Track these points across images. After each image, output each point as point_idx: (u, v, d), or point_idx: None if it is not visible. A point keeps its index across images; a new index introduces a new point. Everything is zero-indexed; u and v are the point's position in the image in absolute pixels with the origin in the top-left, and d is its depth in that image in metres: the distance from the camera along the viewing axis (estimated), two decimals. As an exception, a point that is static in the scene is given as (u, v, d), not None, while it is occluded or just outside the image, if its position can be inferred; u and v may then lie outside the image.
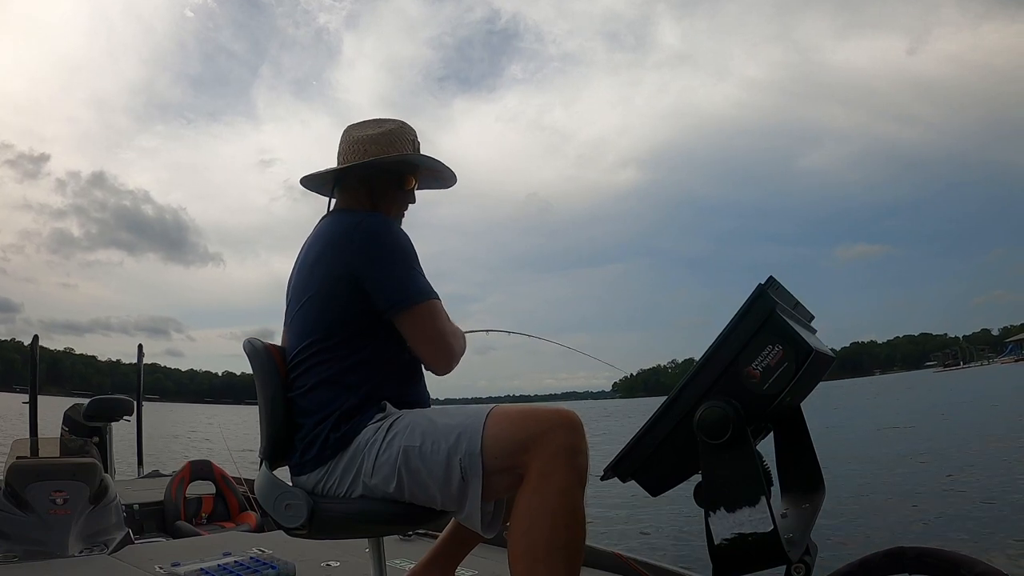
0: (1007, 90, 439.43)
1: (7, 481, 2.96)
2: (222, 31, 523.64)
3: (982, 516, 6.19)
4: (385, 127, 1.66)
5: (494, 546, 1.95)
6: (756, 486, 1.17)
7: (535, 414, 1.38)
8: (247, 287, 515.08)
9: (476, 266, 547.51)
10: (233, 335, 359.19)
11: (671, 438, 1.25)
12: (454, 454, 1.37)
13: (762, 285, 1.22)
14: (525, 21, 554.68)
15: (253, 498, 4.08)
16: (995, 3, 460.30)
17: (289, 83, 69.57)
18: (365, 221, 1.54)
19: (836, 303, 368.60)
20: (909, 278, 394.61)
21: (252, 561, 2.39)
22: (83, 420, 5.08)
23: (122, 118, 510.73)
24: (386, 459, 1.41)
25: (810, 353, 1.17)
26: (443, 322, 1.54)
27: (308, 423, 1.49)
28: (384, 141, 1.63)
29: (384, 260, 1.49)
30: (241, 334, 1.96)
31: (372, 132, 1.65)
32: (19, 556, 2.65)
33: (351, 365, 1.50)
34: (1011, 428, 13.48)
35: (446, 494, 1.40)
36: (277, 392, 1.54)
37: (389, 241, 1.51)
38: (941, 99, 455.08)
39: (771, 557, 1.16)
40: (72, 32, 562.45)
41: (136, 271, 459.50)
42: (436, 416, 1.46)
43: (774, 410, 1.22)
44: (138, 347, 6.75)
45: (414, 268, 1.53)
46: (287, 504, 1.45)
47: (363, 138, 1.64)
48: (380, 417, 1.47)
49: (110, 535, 2.94)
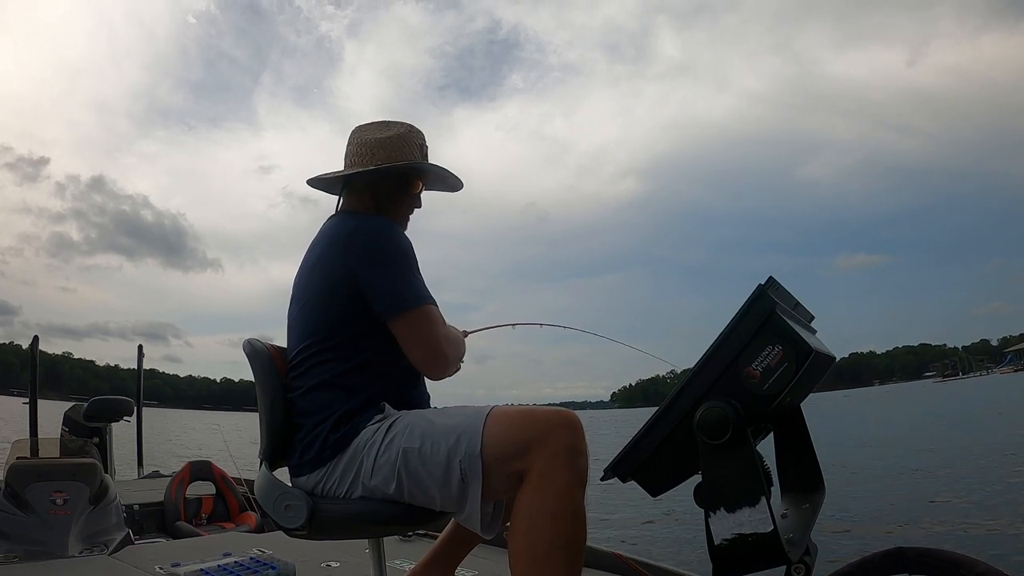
0: (1006, 101, 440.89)
1: (7, 481, 2.96)
2: (224, 38, 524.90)
3: (982, 516, 6.19)
4: (393, 131, 1.66)
5: (494, 546, 1.96)
6: (756, 486, 1.17)
7: (535, 414, 1.38)
8: (245, 293, 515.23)
9: (475, 274, 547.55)
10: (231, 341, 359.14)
11: (671, 438, 1.26)
12: (454, 455, 1.37)
13: (762, 285, 1.22)
14: (526, 31, 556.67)
15: (253, 499, 4.07)
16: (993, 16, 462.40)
17: (290, 90, 68.97)
18: (367, 224, 1.54)
19: (835, 313, 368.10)
20: (909, 288, 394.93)
21: (252, 561, 2.39)
22: (83, 421, 5.08)
23: (123, 122, 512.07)
24: (385, 460, 1.41)
25: (810, 353, 1.17)
26: (438, 327, 1.53)
27: (307, 424, 1.49)
28: (392, 145, 1.63)
29: (382, 264, 1.49)
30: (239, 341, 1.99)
31: (380, 135, 1.65)
32: (19, 556, 2.65)
33: (351, 367, 1.50)
34: (1010, 435, 13.48)
35: (446, 495, 1.39)
36: (277, 393, 1.55)
37: (389, 245, 1.51)
38: (940, 110, 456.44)
39: (771, 557, 1.16)
40: (74, 35, 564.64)
41: (135, 276, 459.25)
42: (435, 417, 1.46)
43: (774, 410, 1.23)
44: (138, 348, 6.76)
45: (413, 273, 1.53)
46: (287, 505, 1.45)
47: (371, 141, 1.64)
48: (379, 418, 1.47)
49: (110, 535, 2.94)
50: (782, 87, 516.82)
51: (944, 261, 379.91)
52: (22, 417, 5.50)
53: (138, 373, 6.67)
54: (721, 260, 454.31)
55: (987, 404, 27.01)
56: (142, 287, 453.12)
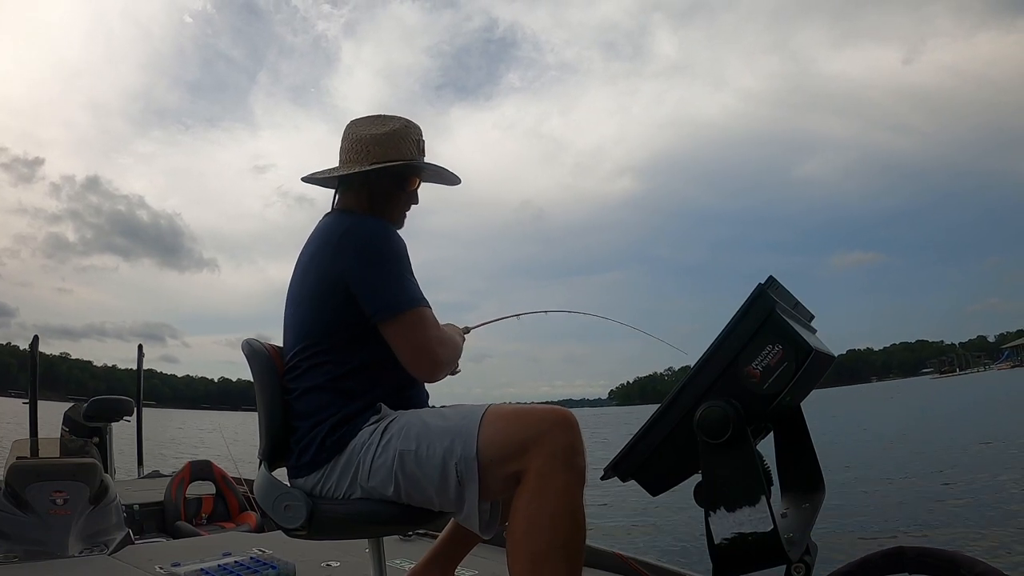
0: (1002, 100, 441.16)
1: (7, 481, 2.96)
2: (220, 37, 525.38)
3: (982, 516, 6.20)
4: (389, 126, 1.62)
5: (494, 546, 1.95)
6: (756, 486, 1.17)
7: (530, 414, 1.37)
8: (242, 293, 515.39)
9: (472, 273, 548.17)
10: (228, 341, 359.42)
11: (671, 438, 1.26)
12: (449, 457, 1.36)
13: (762, 285, 1.22)
14: (523, 30, 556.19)
15: (253, 498, 4.07)
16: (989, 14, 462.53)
17: (287, 90, 68.49)
18: (359, 225, 1.51)
19: (833, 311, 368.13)
20: (906, 286, 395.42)
21: (252, 561, 2.39)
22: (83, 420, 5.08)
23: (119, 123, 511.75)
24: (382, 463, 1.40)
25: (810, 353, 1.17)
26: (430, 330, 1.50)
27: (303, 427, 1.49)
28: (387, 142, 1.60)
29: (373, 266, 1.47)
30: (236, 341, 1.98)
31: (376, 131, 1.61)
32: (19, 556, 2.65)
33: (347, 370, 1.48)
34: (1009, 432, 13.49)
35: (443, 496, 1.39)
36: (275, 394, 1.54)
37: (380, 247, 1.49)
38: (937, 109, 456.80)
39: (771, 557, 1.16)
40: (72, 36, 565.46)
41: (131, 276, 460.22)
42: (430, 418, 1.44)
43: (774, 410, 1.23)
44: (138, 347, 6.76)
45: (405, 275, 1.50)
46: (286, 505, 1.45)
47: (366, 137, 1.61)
48: (375, 419, 1.46)
49: (110, 535, 2.94)
50: (779, 86, 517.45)
51: (941, 259, 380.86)
52: (23, 416, 5.50)
53: (138, 373, 6.67)
54: (718, 259, 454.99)
55: (985, 400, 27.04)
56: (139, 287, 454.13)
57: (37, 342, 5.43)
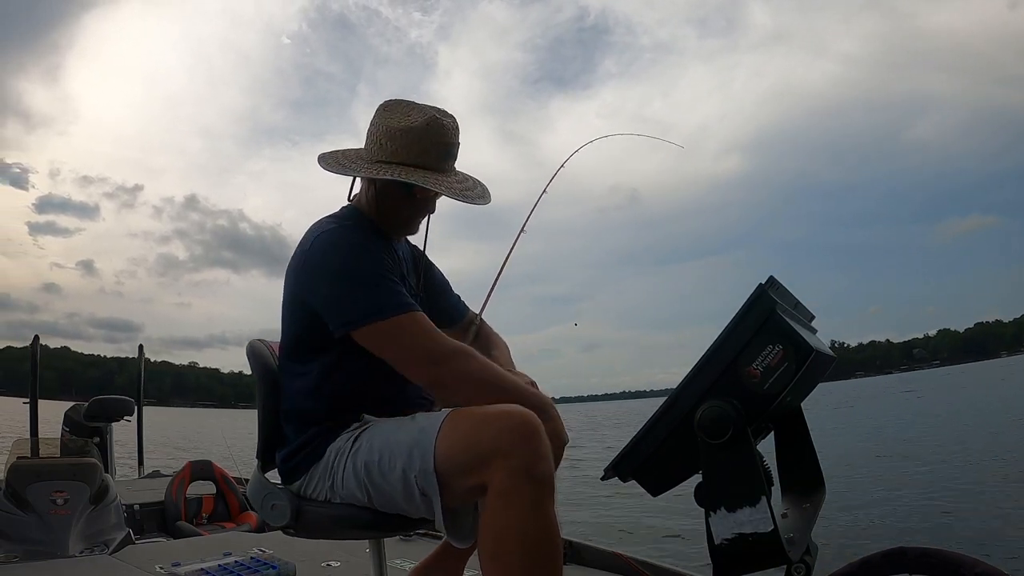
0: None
1: (8, 481, 2.96)
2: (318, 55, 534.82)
3: (983, 516, 6.19)
4: (411, 119, 1.46)
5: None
6: (756, 486, 1.17)
7: (487, 423, 1.27)
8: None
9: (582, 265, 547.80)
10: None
11: (671, 438, 1.26)
12: (409, 471, 1.31)
13: (762, 285, 1.22)
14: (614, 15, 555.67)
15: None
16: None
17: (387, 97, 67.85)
18: (320, 238, 1.43)
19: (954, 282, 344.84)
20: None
21: (253, 561, 2.39)
22: (84, 420, 5.08)
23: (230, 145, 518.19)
24: (351, 472, 1.39)
25: (811, 353, 1.18)
26: (391, 341, 1.38)
27: (289, 430, 1.50)
28: (402, 139, 1.45)
29: (328, 281, 1.40)
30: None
31: (399, 124, 1.46)
32: (20, 556, 2.65)
33: (327, 374, 1.47)
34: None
35: (412, 506, 1.36)
36: (269, 395, 1.57)
37: (331, 261, 1.40)
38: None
39: (771, 557, 1.17)
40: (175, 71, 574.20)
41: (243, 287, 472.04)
42: (394, 429, 1.39)
43: (774, 410, 1.23)
44: (139, 347, 6.77)
45: (359, 288, 1.39)
46: (273, 504, 1.49)
47: (388, 130, 1.47)
48: (355, 427, 1.45)
49: (111, 535, 2.94)
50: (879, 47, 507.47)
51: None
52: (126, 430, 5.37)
53: (139, 373, 6.66)
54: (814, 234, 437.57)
55: None
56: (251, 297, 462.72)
57: (37, 341, 5.43)
